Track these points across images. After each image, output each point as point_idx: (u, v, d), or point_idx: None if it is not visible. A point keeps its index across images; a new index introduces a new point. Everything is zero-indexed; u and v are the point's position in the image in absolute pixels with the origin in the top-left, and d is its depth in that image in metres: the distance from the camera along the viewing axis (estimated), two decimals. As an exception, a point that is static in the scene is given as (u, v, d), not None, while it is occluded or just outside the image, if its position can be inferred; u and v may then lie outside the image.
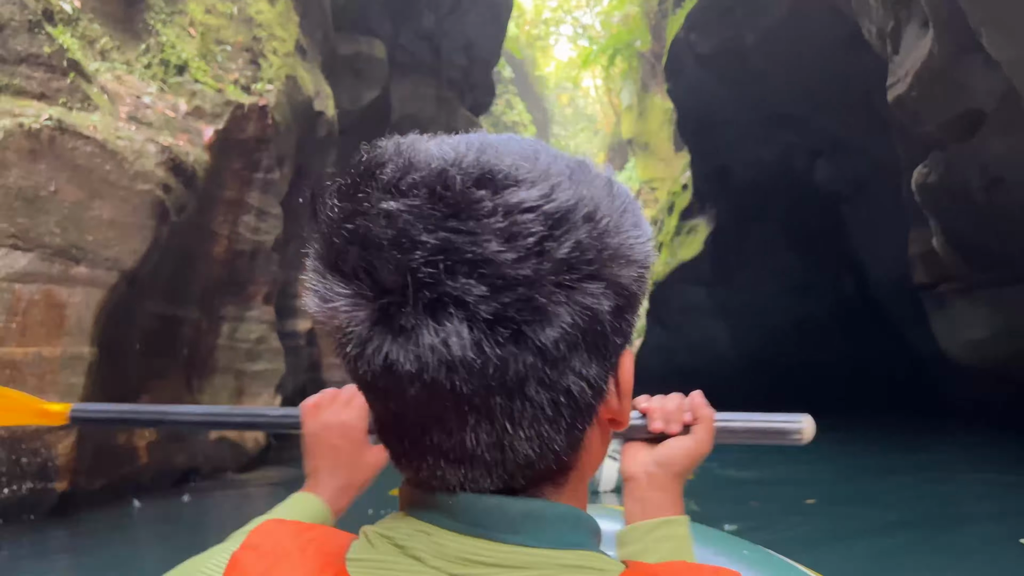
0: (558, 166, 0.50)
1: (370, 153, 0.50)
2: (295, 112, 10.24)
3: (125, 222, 6.92)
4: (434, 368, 0.46)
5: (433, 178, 0.46)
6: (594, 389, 0.50)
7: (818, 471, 8.29)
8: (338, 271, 0.47)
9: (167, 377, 8.69)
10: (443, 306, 0.45)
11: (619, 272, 0.49)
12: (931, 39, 5.54)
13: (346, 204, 0.48)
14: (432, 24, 16.47)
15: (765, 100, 12.43)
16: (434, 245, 0.45)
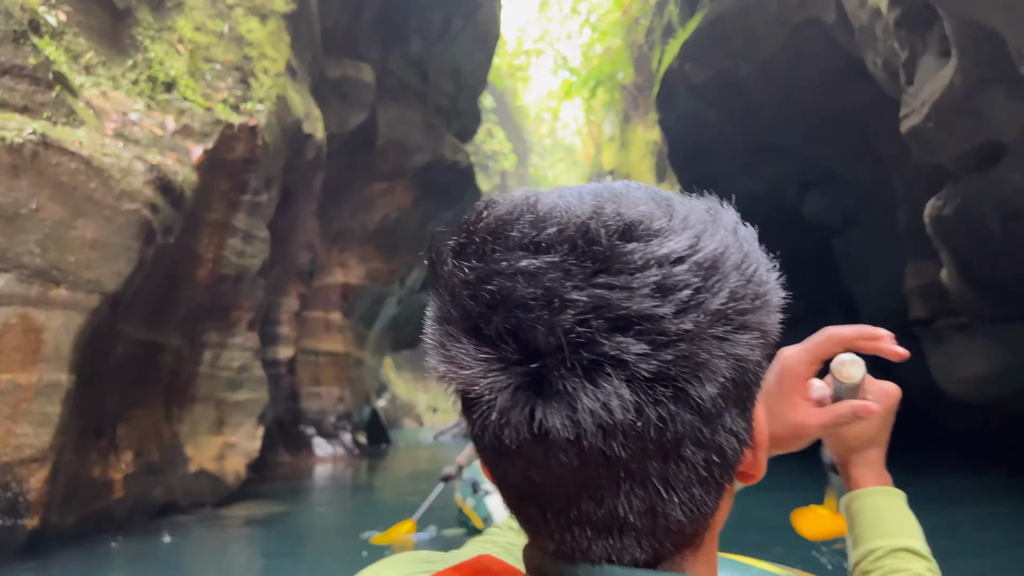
0: (696, 213, 0.50)
1: (489, 209, 0.49)
2: (284, 133, 9.98)
3: (109, 242, 6.58)
4: (592, 433, 0.44)
5: (574, 232, 0.46)
6: (741, 444, 0.50)
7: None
8: (476, 335, 0.46)
9: (145, 406, 8.29)
10: (600, 366, 0.44)
11: (766, 320, 0.49)
12: (953, 68, 5.43)
13: (478, 264, 0.47)
14: (420, 50, 16.34)
15: (757, 131, 12.39)
16: (585, 302, 0.44)
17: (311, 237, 12.00)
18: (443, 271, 0.49)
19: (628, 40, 29.43)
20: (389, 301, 17.55)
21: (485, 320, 0.46)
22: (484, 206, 0.50)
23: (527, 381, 0.45)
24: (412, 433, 28.49)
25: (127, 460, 7.82)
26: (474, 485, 7.07)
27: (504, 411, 0.46)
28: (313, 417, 15.88)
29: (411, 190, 16.46)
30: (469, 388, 0.47)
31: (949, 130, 5.91)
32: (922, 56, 6.12)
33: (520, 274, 0.45)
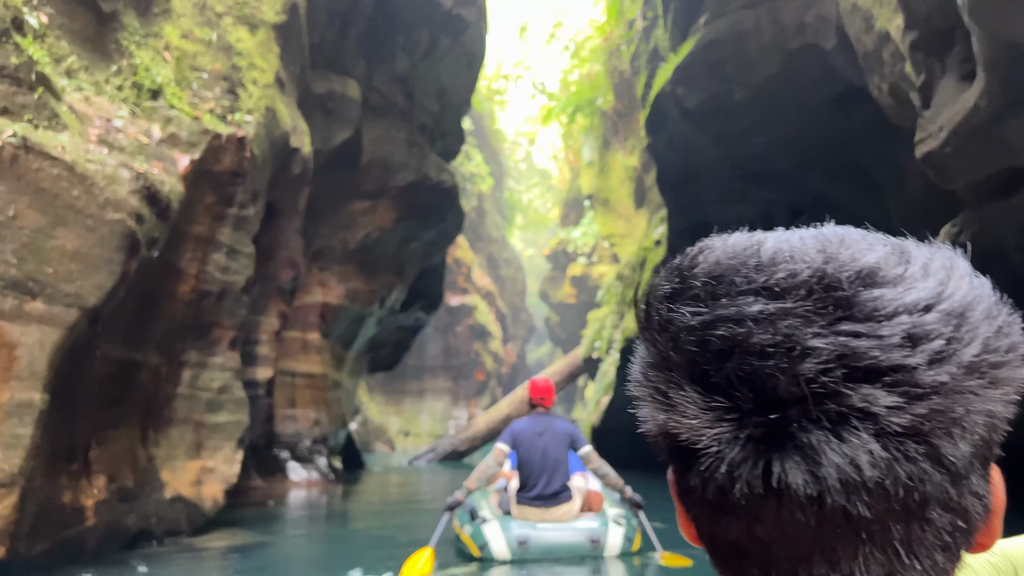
0: (936, 260, 0.48)
1: (704, 254, 0.48)
2: (272, 147, 9.65)
3: (90, 254, 6.19)
4: (835, 490, 0.43)
5: (809, 276, 0.44)
6: (984, 508, 0.48)
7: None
8: (702, 383, 0.45)
9: (120, 428, 7.84)
10: (846, 419, 0.42)
11: (1018, 374, 0.46)
12: (978, 91, 5.29)
13: (702, 309, 0.45)
14: (406, 68, 16.11)
15: (749, 156, 12.28)
16: (829, 350, 0.42)
17: (294, 255, 11.63)
18: (658, 317, 0.48)
19: (609, 66, 29.52)
20: (368, 322, 17.15)
21: (715, 367, 0.44)
22: (698, 251, 0.50)
23: (763, 433, 0.43)
24: (384, 457, 27.92)
25: (100, 485, 7.37)
26: (472, 512, 6.89)
27: (735, 464, 0.44)
28: (287, 440, 15.37)
29: (394, 209, 16.15)
30: (694, 439, 0.45)
31: (969, 155, 5.77)
32: (941, 79, 5.99)
33: (752, 320, 0.44)
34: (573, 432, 6.85)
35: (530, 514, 6.65)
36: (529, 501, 6.67)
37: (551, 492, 6.62)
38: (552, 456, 6.60)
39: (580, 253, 40.10)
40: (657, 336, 0.48)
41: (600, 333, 21.44)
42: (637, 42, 19.41)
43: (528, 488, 6.66)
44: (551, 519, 6.60)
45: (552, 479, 6.62)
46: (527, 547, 6.29)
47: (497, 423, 22.67)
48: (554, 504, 6.64)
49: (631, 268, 20.12)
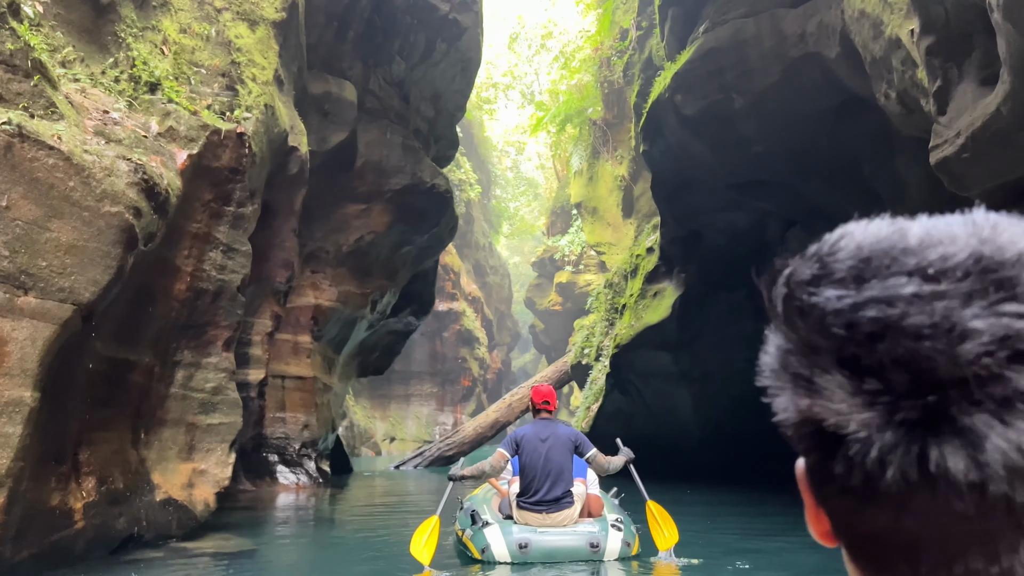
0: None
1: (846, 238, 0.48)
2: (271, 145, 9.39)
3: (86, 247, 5.91)
4: (999, 477, 0.41)
5: (965, 258, 0.44)
6: None
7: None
8: (851, 366, 0.44)
9: (111, 428, 7.53)
10: (1010, 403, 0.41)
11: None
12: (1001, 96, 5.14)
13: (849, 292, 0.45)
14: (402, 72, 15.89)
15: (745, 165, 12.14)
16: (991, 332, 0.41)
17: (289, 255, 11.35)
18: (798, 303, 0.47)
19: (599, 77, 29.44)
20: (360, 325, 16.87)
21: (866, 350, 0.43)
22: (838, 237, 0.49)
23: (919, 416, 0.42)
24: (369, 462, 27.57)
25: (89, 487, 7.06)
26: (473, 515, 6.83)
27: (886, 449, 0.43)
28: (276, 444, 15.04)
29: (387, 213, 15.89)
30: (841, 424, 0.44)
31: (987, 162, 5.62)
32: (958, 85, 5.84)
33: (906, 301, 0.43)
34: (577, 437, 6.81)
35: (531, 519, 6.59)
36: (530, 506, 6.61)
37: (552, 498, 6.57)
38: (555, 461, 6.56)
39: (567, 261, 39.95)
40: (798, 322, 0.46)
41: (589, 340, 21.25)
42: (631, 52, 19.29)
43: (530, 493, 6.61)
44: (552, 524, 6.54)
45: (555, 485, 6.56)
46: (528, 551, 6.26)
47: (485, 429, 22.41)
48: (555, 510, 6.58)
49: (620, 276, 19.96)
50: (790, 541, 7.64)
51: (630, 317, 15.97)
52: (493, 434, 22.82)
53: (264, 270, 11.27)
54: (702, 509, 10.92)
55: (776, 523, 9.33)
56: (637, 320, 15.51)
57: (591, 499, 7.10)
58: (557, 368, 23.46)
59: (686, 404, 15.72)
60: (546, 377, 23.22)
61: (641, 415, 16.66)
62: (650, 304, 15.45)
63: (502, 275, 53.27)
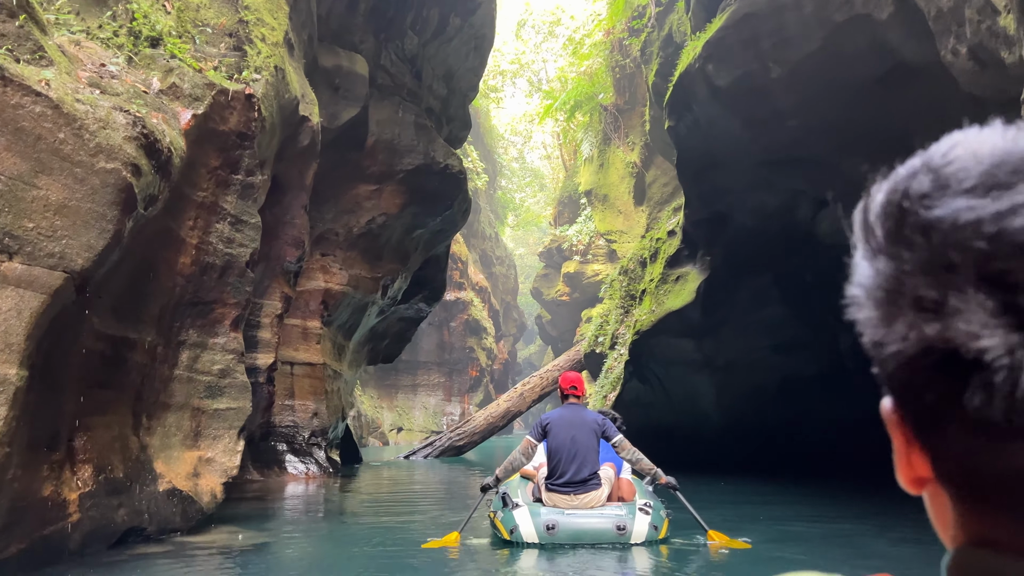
0: None
1: (954, 148, 0.45)
2: (281, 111, 8.68)
3: (79, 208, 5.21)
4: None
5: None
6: None
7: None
8: (992, 282, 0.40)
9: (110, 413, 6.85)
10: None
11: None
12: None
13: (983, 201, 0.42)
14: (415, 47, 15.15)
15: (780, 141, 11.41)
16: None
17: (300, 233, 10.65)
18: (914, 218, 0.43)
19: (610, 61, 28.66)
20: (370, 311, 16.18)
21: (1016, 263, 0.39)
22: (948, 147, 0.45)
23: None
24: (377, 452, 26.91)
25: (85, 477, 6.37)
26: (504, 498, 6.96)
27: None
28: (285, 432, 14.37)
29: (400, 194, 15.18)
30: (979, 348, 0.40)
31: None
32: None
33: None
34: (603, 422, 6.93)
35: (559, 500, 6.68)
36: (558, 488, 6.70)
37: (580, 479, 6.65)
38: (582, 444, 6.68)
39: (575, 251, 39.21)
40: (919, 239, 0.43)
41: (603, 328, 20.54)
42: (649, 29, 18.53)
43: (557, 475, 6.71)
44: (579, 506, 6.62)
45: (581, 467, 6.66)
46: (555, 532, 6.32)
47: (496, 418, 21.73)
48: (582, 491, 6.65)
49: (636, 262, 19.24)
50: (832, 527, 6.99)
51: (650, 303, 15.26)
52: (504, 424, 22.14)
53: (273, 249, 10.58)
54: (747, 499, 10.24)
55: (816, 509, 8.66)
56: (658, 306, 14.81)
57: (623, 484, 7.16)
58: (570, 357, 22.77)
59: (708, 392, 15.03)
60: (559, 366, 22.53)
61: (661, 404, 15.97)
62: (672, 289, 14.74)
63: (508, 265, 52.60)
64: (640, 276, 18.87)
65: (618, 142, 28.83)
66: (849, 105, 10.27)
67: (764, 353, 14.19)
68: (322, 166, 13.83)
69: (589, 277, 38.61)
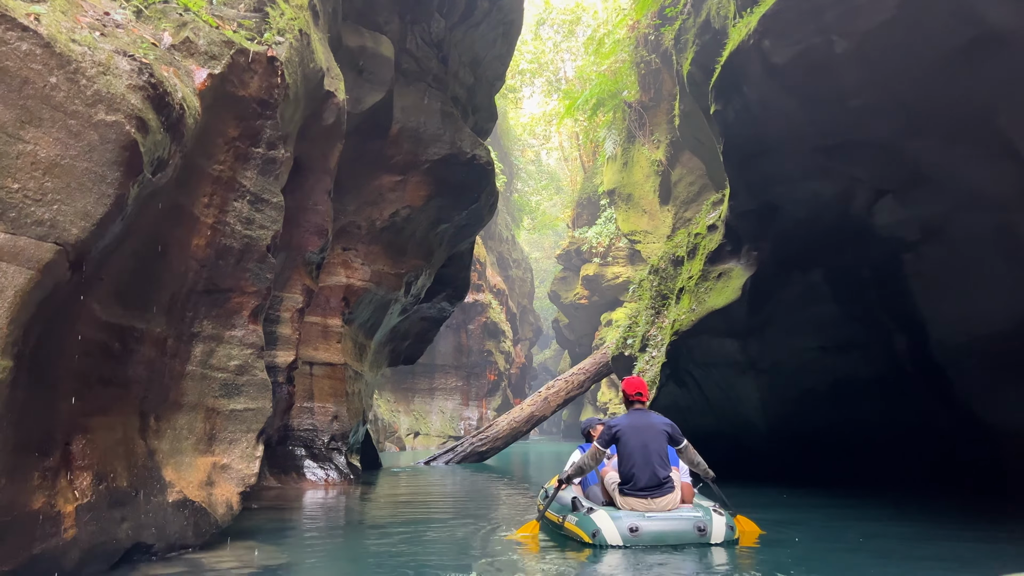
0: None
1: None
2: (306, 82, 7.83)
3: (73, 167, 4.36)
4: None
5: None
6: None
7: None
8: None
9: (113, 413, 5.99)
10: None
11: None
12: None
13: None
14: (442, 31, 14.31)
15: (840, 123, 10.47)
16: None
17: (323, 221, 9.79)
18: None
19: (635, 57, 27.78)
20: (392, 309, 15.31)
21: None
22: None
23: None
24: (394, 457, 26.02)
25: (83, 486, 5.51)
26: (573, 501, 7.08)
27: None
28: (303, 436, 13.52)
29: (424, 185, 14.33)
30: None
31: None
32: None
33: None
34: (672, 426, 7.06)
35: (636, 504, 6.76)
36: (634, 492, 6.78)
37: (655, 483, 6.74)
38: (654, 449, 6.79)
39: (594, 253, 38.27)
40: None
41: (632, 330, 19.61)
42: (684, 16, 17.63)
43: (632, 480, 6.79)
44: (656, 509, 6.71)
45: (656, 471, 6.75)
46: (638, 534, 6.39)
47: (520, 423, 20.81)
48: (659, 495, 6.75)
49: (667, 261, 18.31)
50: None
51: (689, 301, 14.32)
52: (528, 429, 21.22)
53: (294, 237, 9.73)
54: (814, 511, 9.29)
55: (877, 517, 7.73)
56: (699, 304, 13.87)
57: (684, 487, 7.22)
58: (596, 361, 21.83)
59: (752, 397, 14.05)
60: (584, 370, 21.61)
61: (699, 408, 15.00)
62: (713, 286, 13.79)
63: (524, 269, 51.76)
64: (673, 275, 17.93)
65: (643, 140, 27.93)
66: (922, 81, 9.34)
67: (814, 354, 13.19)
68: (344, 155, 12.99)
69: (609, 280, 37.68)
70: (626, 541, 6.35)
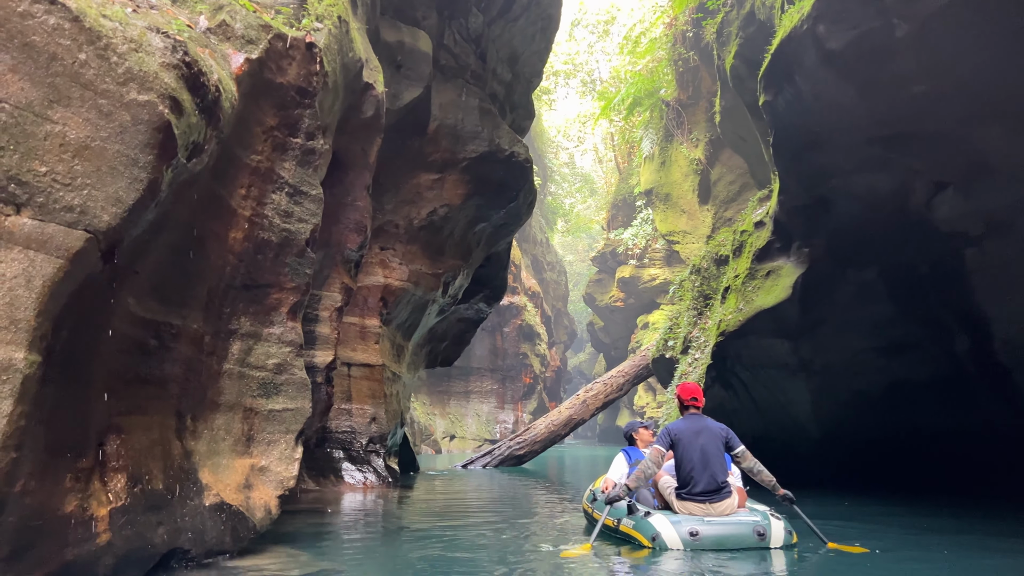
0: None
1: None
2: (345, 72, 7.56)
3: (104, 150, 4.10)
4: None
5: None
6: None
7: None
8: None
9: (149, 413, 5.74)
10: None
11: None
12: None
13: None
14: (480, 26, 14.01)
15: (900, 111, 9.96)
16: None
17: (362, 217, 9.52)
18: None
19: (672, 55, 27.28)
20: (430, 310, 15.02)
21: None
22: None
23: None
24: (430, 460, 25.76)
25: (117, 488, 5.26)
26: (629, 506, 7.11)
27: None
28: (341, 438, 13.27)
29: (463, 184, 14.03)
30: None
31: None
32: None
33: None
34: (728, 432, 7.03)
35: (694, 509, 6.76)
36: (692, 497, 6.78)
37: (713, 488, 6.72)
38: (711, 454, 6.78)
39: (630, 255, 37.72)
40: None
41: (674, 331, 19.11)
42: (727, 8, 17.14)
43: (690, 485, 6.79)
44: (715, 513, 6.69)
45: (714, 476, 6.73)
46: (698, 538, 6.34)
47: (559, 427, 20.40)
48: (718, 499, 6.73)
49: (711, 260, 17.80)
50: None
51: (736, 300, 13.81)
52: (566, 432, 20.80)
53: (333, 234, 9.46)
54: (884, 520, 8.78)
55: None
56: (746, 304, 13.36)
57: (739, 492, 7.17)
58: (635, 363, 21.35)
59: (803, 400, 13.50)
60: (624, 372, 21.14)
61: (747, 412, 14.48)
62: (762, 285, 13.28)
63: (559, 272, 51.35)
64: (716, 274, 17.43)
65: (681, 138, 27.39)
66: (988, 65, 8.81)
67: (869, 355, 12.62)
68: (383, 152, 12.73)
69: (645, 282, 37.10)
70: (686, 545, 6.33)
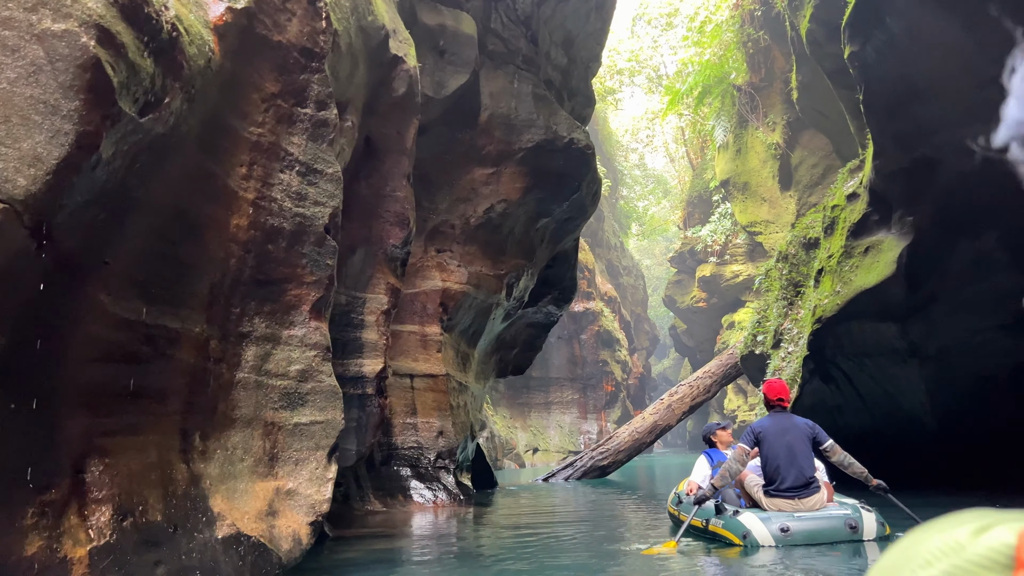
0: None
1: None
2: (365, 38, 6.62)
3: (12, 94, 3.20)
4: None
5: None
6: None
7: None
8: None
9: (144, 432, 4.85)
10: None
11: None
12: None
13: None
14: (529, 6, 13.00)
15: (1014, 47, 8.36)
16: None
17: (404, 209, 8.56)
18: None
19: (741, 36, 25.72)
20: (495, 314, 14.00)
21: None
22: None
23: None
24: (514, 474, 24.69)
25: (100, 523, 4.37)
26: (717, 507, 7.02)
27: None
28: (408, 455, 12.34)
29: (520, 176, 12.99)
30: None
31: None
32: None
33: None
34: (814, 428, 7.00)
35: (783, 505, 6.71)
36: (781, 493, 6.74)
37: (802, 484, 6.68)
38: (799, 450, 6.75)
39: (710, 252, 35.93)
40: None
41: (762, 325, 17.56)
42: (799, -31, 15.66)
43: (778, 482, 6.75)
44: (804, 509, 6.64)
45: (802, 472, 6.70)
46: (790, 534, 6.30)
47: (643, 434, 19.05)
48: (806, 495, 6.69)
49: (799, 245, 16.23)
50: None
51: (831, 283, 12.31)
52: (652, 439, 19.41)
53: (373, 230, 8.55)
54: None
55: None
56: (844, 285, 11.85)
57: (826, 486, 7.05)
58: (723, 363, 19.82)
59: (916, 389, 11.85)
60: (710, 372, 19.64)
61: (851, 406, 12.89)
62: (860, 263, 11.75)
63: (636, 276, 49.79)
64: (806, 259, 15.86)
65: (756, 123, 25.74)
66: None
67: (991, 335, 10.93)
68: (432, 147, 11.83)
69: (728, 279, 35.24)
70: (778, 541, 6.28)
